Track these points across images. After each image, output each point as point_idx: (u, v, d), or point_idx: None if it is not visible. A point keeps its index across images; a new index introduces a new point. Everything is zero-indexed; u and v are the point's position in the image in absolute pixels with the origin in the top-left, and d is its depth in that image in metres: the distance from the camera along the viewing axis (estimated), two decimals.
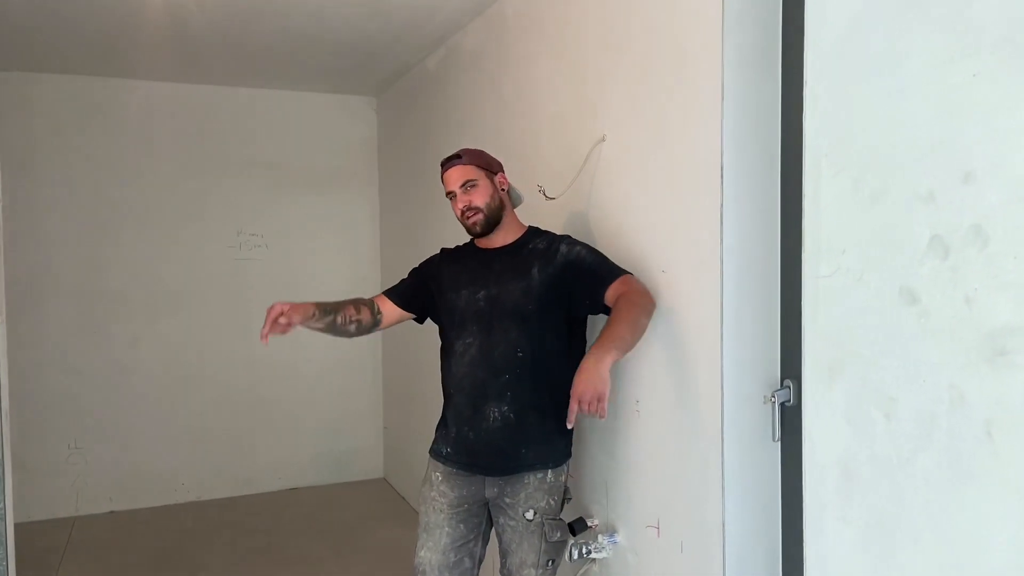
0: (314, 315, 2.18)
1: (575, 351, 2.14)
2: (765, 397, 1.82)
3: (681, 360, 1.99)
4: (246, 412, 4.63)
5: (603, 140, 2.29)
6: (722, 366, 1.83)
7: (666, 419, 2.06)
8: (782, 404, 1.82)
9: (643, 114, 2.11)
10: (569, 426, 1.86)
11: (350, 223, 4.84)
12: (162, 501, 4.44)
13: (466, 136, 3.43)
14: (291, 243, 4.68)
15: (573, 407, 1.81)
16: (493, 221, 2.19)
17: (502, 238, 2.23)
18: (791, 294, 1.84)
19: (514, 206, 2.29)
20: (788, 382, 1.82)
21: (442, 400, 2.31)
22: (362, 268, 4.87)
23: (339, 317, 2.23)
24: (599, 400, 1.80)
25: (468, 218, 2.18)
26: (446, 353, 2.26)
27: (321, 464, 4.80)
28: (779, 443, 1.86)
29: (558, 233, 2.26)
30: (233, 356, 4.56)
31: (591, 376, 1.82)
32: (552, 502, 2.16)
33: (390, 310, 2.32)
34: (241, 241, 4.57)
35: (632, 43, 2.15)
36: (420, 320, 2.38)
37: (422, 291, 2.33)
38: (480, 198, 2.17)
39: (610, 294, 2.04)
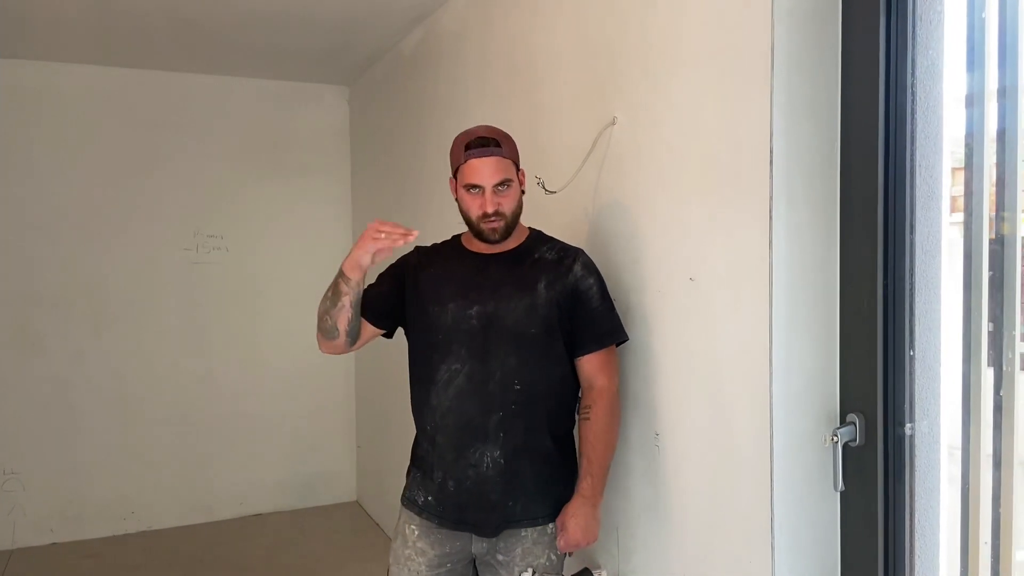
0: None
1: (574, 383, 1.87)
2: (826, 437, 1.48)
3: (715, 387, 1.64)
4: (204, 432, 4.21)
5: (613, 123, 1.94)
6: (771, 396, 1.48)
7: (695, 457, 1.71)
8: (845, 445, 1.48)
9: (665, 91, 1.76)
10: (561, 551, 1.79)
11: (319, 224, 4.44)
12: (110, 531, 4.03)
13: (449, 127, 3.07)
14: (254, 245, 4.27)
15: (565, 551, 1.78)
16: (511, 231, 1.84)
17: (505, 243, 1.87)
18: (853, 308, 1.51)
19: None
20: (853, 417, 1.48)
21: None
22: (332, 273, 4.46)
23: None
24: (588, 544, 1.77)
25: (489, 223, 1.79)
26: (422, 379, 1.88)
27: (288, 488, 4.40)
28: (838, 494, 1.52)
29: (568, 243, 1.91)
30: (189, 370, 4.16)
31: (589, 524, 1.75)
32: (553, 557, 1.83)
33: (364, 328, 1.94)
34: (198, 243, 4.15)
35: (655, 7, 1.80)
36: (389, 335, 1.99)
37: (398, 302, 1.94)
38: (510, 203, 1.81)
39: (589, 366, 1.82)
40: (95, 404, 3.99)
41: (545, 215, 2.06)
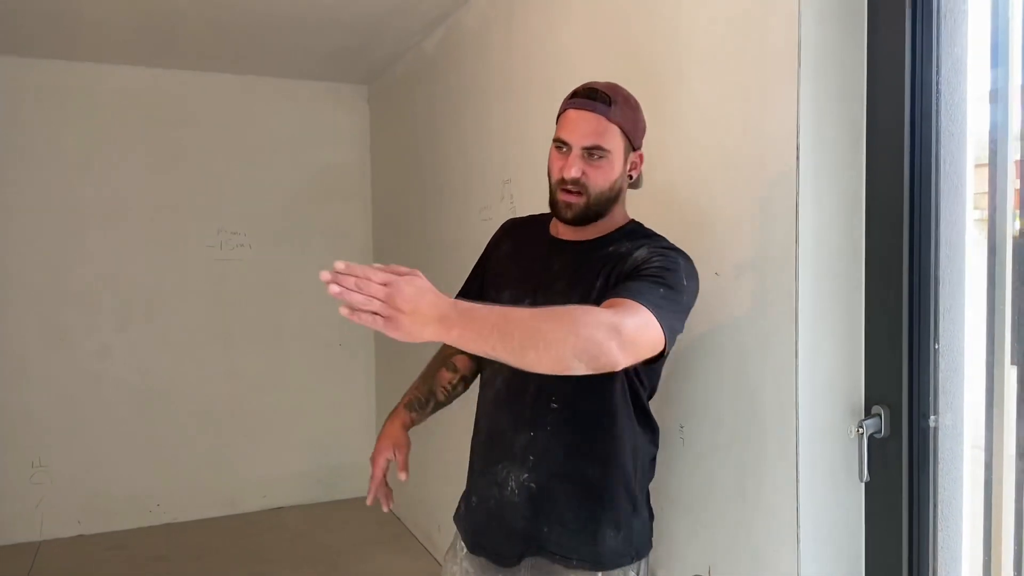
0: (412, 421, 1.74)
1: (635, 410, 1.52)
2: (852, 428, 1.50)
3: (740, 380, 1.67)
4: (227, 426, 4.27)
5: None
6: (797, 389, 1.51)
7: (720, 449, 1.73)
8: (870, 436, 1.51)
9: (691, 87, 1.79)
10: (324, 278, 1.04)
11: (340, 221, 4.49)
12: (135, 523, 4.08)
13: (472, 127, 3.10)
14: (276, 242, 4.32)
15: (366, 274, 1.05)
16: (594, 214, 1.48)
17: (589, 230, 1.52)
18: (878, 302, 1.53)
19: (634, 188, 1.59)
20: (879, 409, 1.51)
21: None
22: None
23: (438, 392, 1.74)
24: (387, 302, 1.04)
25: (566, 193, 1.45)
26: (480, 373, 1.71)
27: (309, 482, 4.46)
28: (863, 485, 1.55)
29: (671, 243, 1.51)
30: (212, 365, 4.21)
31: (415, 285, 1.06)
32: None
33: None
34: (221, 240, 4.21)
35: (679, 6, 1.83)
36: None
37: (479, 291, 1.69)
38: (600, 179, 1.45)
39: (609, 301, 1.32)
40: (121, 398, 4.05)
41: None
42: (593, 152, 1.44)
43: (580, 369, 1.16)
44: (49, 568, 3.61)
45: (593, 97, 1.45)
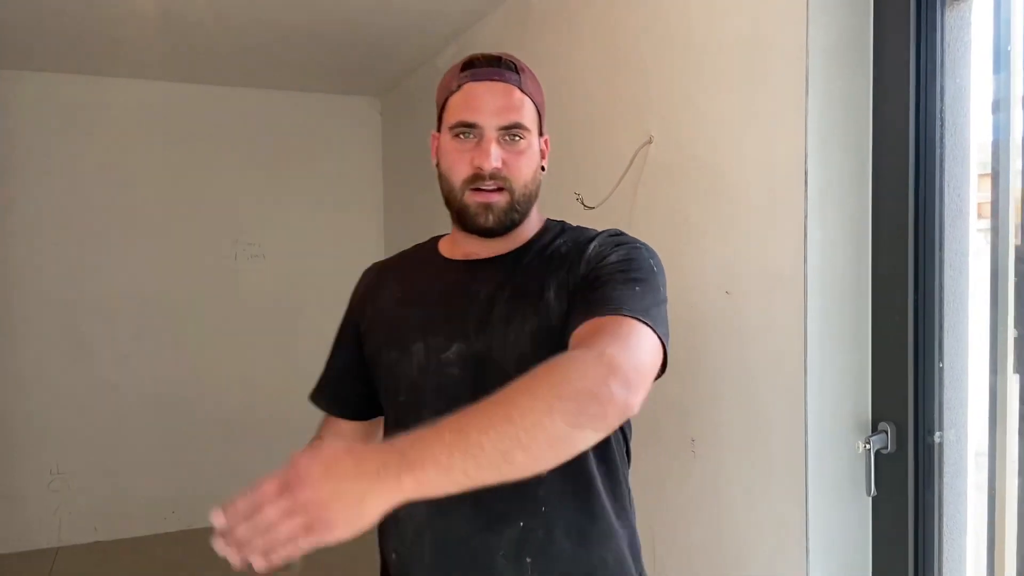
0: None
1: (625, 450, 1.23)
2: (859, 444, 1.55)
3: (750, 396, 1.72)
4: (242, 433, 4.32)
5: (650, 142, 2.02)
6: (806, 405, 1.56)
7: (730, 464, 1.78)
8: (876, 452, 1.56)
9: (701, 111, 1.84)
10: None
11: (353, 231, 4.56)
12: (152, 530, 4.14)
13: None
14: (290, 252, 4.39)
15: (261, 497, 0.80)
16: (520, 216, 1.16)
17: (506, 241, 1.19)
18: (884, 321, 1.58)
19: None
20: (885, 425, 1.55)
21: None
22: None
23: None
24: (296, 509, 0.78)
25: (482, 192, 1.13)
26: None
27: None
28: (870, 499, 1.59)
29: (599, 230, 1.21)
30: (227, 373, 4.28)
31: (321, 460, 0.82)
32: None
33: (339, 430, 1.34)
34: (237, 251, 4.28)
35: (690, 31, 1.88)
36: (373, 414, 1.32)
37: (356, 366, 1.29)
38: (525, 167, 1.14)
39: (578, 335, 1.00)
40: (138, 407, 4.11)
41: None
42: (514, 132, 1.12)
43: (589, 438, 0.87)
44: (67, 573, 3.68)
45: (498, 64, 1.13)
